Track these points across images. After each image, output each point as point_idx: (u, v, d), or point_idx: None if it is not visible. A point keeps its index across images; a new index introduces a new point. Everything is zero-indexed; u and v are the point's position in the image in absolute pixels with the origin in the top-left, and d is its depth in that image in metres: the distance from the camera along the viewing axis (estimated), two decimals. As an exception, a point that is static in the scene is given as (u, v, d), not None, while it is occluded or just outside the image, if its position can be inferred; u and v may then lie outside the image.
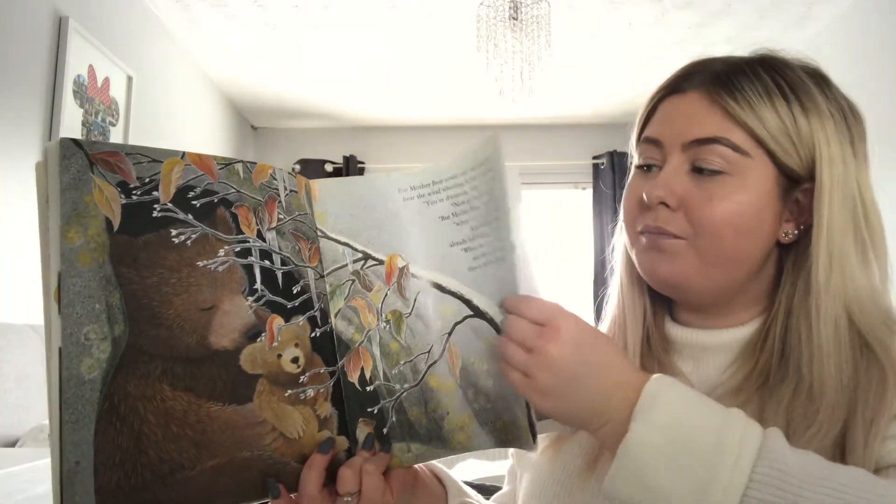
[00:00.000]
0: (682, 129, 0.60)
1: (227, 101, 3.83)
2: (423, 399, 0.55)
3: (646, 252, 0.61)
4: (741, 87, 0.59)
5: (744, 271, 0.60)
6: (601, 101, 3.90)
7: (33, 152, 2.03)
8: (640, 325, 0.66)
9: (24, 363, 1.65)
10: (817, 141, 0.59)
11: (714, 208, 0.58)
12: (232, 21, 2.93)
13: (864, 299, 0.56)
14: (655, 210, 0.60)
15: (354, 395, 0.55)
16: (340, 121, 4.22)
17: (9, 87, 1.92)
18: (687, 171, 0.60)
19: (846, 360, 0.54)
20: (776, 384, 0.56)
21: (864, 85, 2.65)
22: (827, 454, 0.49)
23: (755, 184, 0.58)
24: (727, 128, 0.58)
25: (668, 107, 0.63)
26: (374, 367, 0.55)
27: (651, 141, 0.63)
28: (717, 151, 0.58)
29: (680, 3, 2.79)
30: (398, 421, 0.55)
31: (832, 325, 0.55)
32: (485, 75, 2.67)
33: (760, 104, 0.58)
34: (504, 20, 2.54)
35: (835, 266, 0.56)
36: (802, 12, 2.85)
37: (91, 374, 0.45)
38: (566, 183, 4.33)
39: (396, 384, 0.55)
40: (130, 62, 2.57)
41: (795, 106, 0.59)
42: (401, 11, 2.85)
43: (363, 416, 0.55)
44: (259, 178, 0.53)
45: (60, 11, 2.14)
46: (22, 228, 1.96)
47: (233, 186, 0.51)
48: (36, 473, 1.01)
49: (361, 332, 0.55)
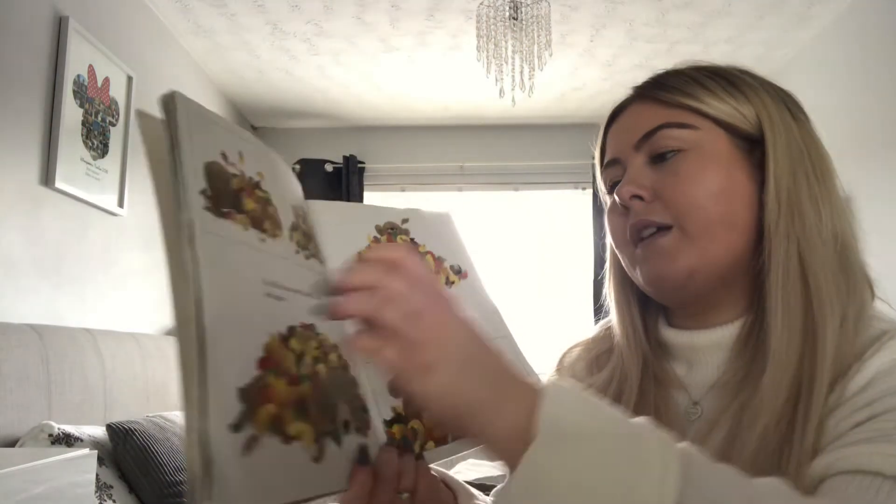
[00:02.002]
0: (629, 135, 0.64)
1: (227, 101, 3.83)
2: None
3: (645, 262, 0.61)
4: (669, 81, 0.64)
5: (739, 236, 0.60)
6: (601, 101, 3.89)
7: (33, 152, 2.03)
8: (634, 338, 0.67)
9: (24, 363, 1.65)
10: (755, 105, 0.62)
11: (685, 182, 0.60)
12: (232, 21, 2.93)
13: (813, 238, 0.57)
14: (631, 208, 0.62)
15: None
16: (340, 121, 4.22)
17: (9, 87, 1.92)
18: (647, 164, 0.62)
19: (795, 318, 0.55)
20: (762, 368, 0.56)
21: (863, 85, 2.66)
22: (773, 454, 0.49)
23: (712, 149, 0.60)
24: (667, 114, 0.62)
25: (614, 129, 0.68)
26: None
27: (610, 163, 0.67)
28: (665, 135, 0.61)
29: (680, 3, 2.79)
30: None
31: (782, 267, 0.56)
32: (485, 75, 2.67)
33: (690, 86, 0.62)
34: (504, 20, 2.54)
35: (783, 208, 0.58)
36: (802, 12, 2.85)
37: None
38: (566, 183, 4.32)
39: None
40: (130, 62, 2.57)
41: (725, 83, 0.63)
42: (401, 11, 2.85)
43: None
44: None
45: (60, 11, 2.14)
46: (22, 228, 1.96)
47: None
48: (36, 473, 1.01)
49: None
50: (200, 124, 0.46)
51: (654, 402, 0.63)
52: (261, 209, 0.48)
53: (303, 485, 0.43)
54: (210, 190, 0.44)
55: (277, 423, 0.42)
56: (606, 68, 3.45)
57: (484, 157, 4.26)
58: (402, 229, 0.66)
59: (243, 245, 0.45)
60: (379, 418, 0.53)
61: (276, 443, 0.41)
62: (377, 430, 0.52)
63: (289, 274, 0.49)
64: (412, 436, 0.56)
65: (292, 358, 0.45)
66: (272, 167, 0.53)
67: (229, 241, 0.44)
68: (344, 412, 0.48)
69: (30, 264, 1.99)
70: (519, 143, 4.23)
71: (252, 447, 0.39)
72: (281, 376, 0.43)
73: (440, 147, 4.26)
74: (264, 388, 0.41)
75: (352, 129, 4.31)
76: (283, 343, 0.45)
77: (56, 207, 2.12)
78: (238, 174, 0.48)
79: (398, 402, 0.56)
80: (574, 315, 4.15)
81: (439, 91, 3.74)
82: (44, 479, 1.00)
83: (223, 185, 0.45)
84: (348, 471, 0.47)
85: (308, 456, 0.43)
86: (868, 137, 2.57)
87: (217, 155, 0.46)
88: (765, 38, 3.07)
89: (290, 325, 0.46)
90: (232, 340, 0.41)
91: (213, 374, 0.38)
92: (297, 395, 0.44)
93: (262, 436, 0.40)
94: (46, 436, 1.59)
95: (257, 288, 0.45)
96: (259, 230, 0.47)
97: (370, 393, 0.54)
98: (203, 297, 0.39)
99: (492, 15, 2.53)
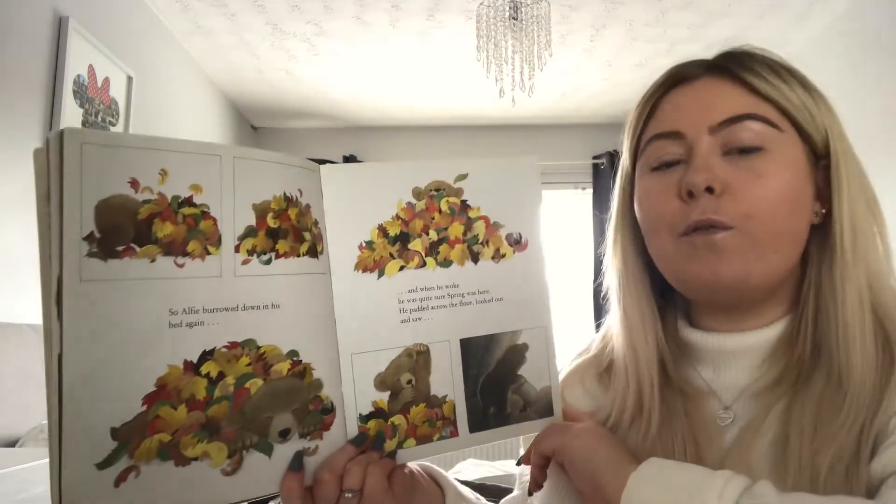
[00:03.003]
0: (705, 113, 0.57)
1: (227, 101, 3.83)
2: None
3: (697, 258, 0.55)
4: (753, 64, 0.57)
5: (796, 251, 0.57)
6: (601, 101, 3.89)
7: (33, 152, 2.03)
8: (653, 340, 0.62)
9: (24, 363, 1.65)
10: (824, 115, 0.58)
11: (765, 185, 0.54)
12: (232, 21, 2.93)
13: (880, 274, 0.55)
14: (699, 201, 0.55)
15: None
16: (340, 121, 4.22)
17: (9, 87, 1.92)
18: (719, 154, 0.56)
19: (870, 335, 0.53)
20: (809, 374, 0.54)
21: (863, 84, 2.66)
22: (849, 451, 0.48)
23: (792, 158, 0.56)
24: (755, 103, 0.56)
25: (678, 97, 0.60)
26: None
27: (667, 135, 0.59)
28: (751, 128, 0.55)
29: (680, 3, 2.79)
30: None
31: (856, 295, 0.54)
32: (485, 75, 2.67)
33: (776, 79, 0.57)
34: (504, 20, 2.54)
35: (858, 236, 0.55)
36: (802, 12, 2.85)
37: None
38: (566, 183, 4.32)
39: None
40: (130, 62, 2.57)
41: (798, 83, 0.58)
42: (401, 11, 2.85)
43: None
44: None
45: (60, 11, 2.14)
46: (22, 228, 1.96)
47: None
48: (36, 473, 1.01)
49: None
50: (99, 155, 0.44)
51: (683, 409, 0.59)
52: (184, 230, 0.48)
53: (204, 498, 0.47)
54: (99, 231, 0.44)
55: (170, 449, 0.46)
56: (606, 68, 3.45)
57: (484, 157, 4.26)
58: (452, 189, 0.60)
59: (144, 280, 0.46)
60: (354, 413, 0.55)
61: (165, 468, 0.46)
62: (341, 429, 0.54)
63: (217, 293, 0.48)
64: (390, 432, 0.56)
65: (201, 383, 0.47)
66: (225, 172, 0.50)
67: (122, 279, 0.45)
68: (283, 422, 0.51)
69: (30, 264, 1.99)
70: (519, 143, 4.23)
71: (126, 478, 0.45)
72: (178, 405, 0.46)
73: (440, 147, 4.26)
74: (153, 420, 0.46)
75: (352, 129, 4.31)
76: (189, 371, 0.47)
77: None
78: (153, 198, 0.46)
79: (382, 397, 0.56)
80: (574, 315, 4.15)
81: (439, 91, 3.74)
82: (44, 479, 0.99)
83: (123, 219, 0.45)
84: (280, 476, 0.51)
85: (217, 472, 0.48)
86: (868, 138, 2.56)
87: (122, 185, 0.45)
88: (765, 37, 3.07)
89: (207, 348, 0.48)
90: (107, 384, 0.44)
91: (75, 421, 0.43)
92: (201, 419, 0.47)
93: (143, 465, 0.45)
94: (46, 436, 1.59)
95: (158, 321, 0.46)
96: (178, 254, 0.47)
97: (351, 387, 0.55)
98: (64, 353, 0.43)
99: (492, 15, 2.53)
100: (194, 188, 0.48)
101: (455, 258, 0.59)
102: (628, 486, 0.49)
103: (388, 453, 0.56)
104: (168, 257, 0.47)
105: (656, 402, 0.60)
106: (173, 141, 0.48)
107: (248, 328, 0.49)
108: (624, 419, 0.62)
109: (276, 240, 0.51)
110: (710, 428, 0.58)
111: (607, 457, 0.53)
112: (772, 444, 0.53)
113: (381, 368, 0.56)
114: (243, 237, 0.50)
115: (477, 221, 0.60)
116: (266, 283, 0.51)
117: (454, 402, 0.58)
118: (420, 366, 0.57)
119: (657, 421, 0.59)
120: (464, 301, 0.59)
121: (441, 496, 0.65)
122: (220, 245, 0.49)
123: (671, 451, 0.57)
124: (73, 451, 0.43)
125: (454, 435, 0.58)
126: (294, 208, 0.53)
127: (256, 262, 0.50)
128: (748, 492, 0.45)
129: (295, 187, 0.53)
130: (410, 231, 0.58)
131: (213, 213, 0.49)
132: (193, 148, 0.49)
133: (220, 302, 0.48)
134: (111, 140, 0.45)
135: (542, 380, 0.61)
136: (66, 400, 0.43)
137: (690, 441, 0.57)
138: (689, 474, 0.48)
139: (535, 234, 0.62)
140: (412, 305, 0.57)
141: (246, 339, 0.49)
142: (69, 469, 0.43)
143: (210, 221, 0.49)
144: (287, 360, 0.51)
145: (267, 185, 0.52)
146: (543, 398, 0.61)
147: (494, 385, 0.60)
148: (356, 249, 0.56)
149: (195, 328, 0.47)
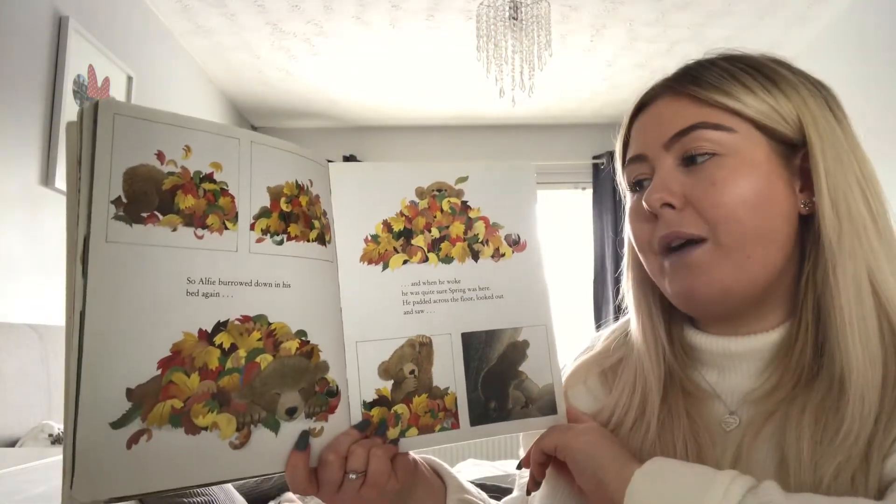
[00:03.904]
0: (659, 132, 0.59)
1: (227, 100, 3.83)
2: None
3: (675, 276, 0.57)
4: (703, 75, 0.58)
5: (778, 251, 0.56)
6: (601, 101, 3.89)
7: (33, 152, 2.03)
8: (659, 343, 0.63)
9: (24, 363, 1.65)
10: (796, 105, 0.57)
11: (721, 191, 0.55)
12: (232, 21, 2.93)
13: (881, 265, 0.53)
14: (661, 216, 0.57)
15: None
16: (340, 121, 4.22)
17: (9, 87, 1.92)
18: (678, 167, 0.58)
19: (873, 329, 0.51)
20: (812, 378, 0.54)
21: (863, 84, 2.66)
22: (855, 463, 0.48)
23: (750, 155, 0.56)
24: (701, 112, 0.57)
25: (642, 121, 0.62)
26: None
27: (635, 159, 0.62)
28: (700, 136, 0.56)
29: (680, 3, 2.79)
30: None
31: (852, 288, 0.52)
32: (485, 75, 2.67)
33: (727, 83, 0.57)
34: (504, 20, 2.54)
35: (844, 224, 0.53)
36: (802, 12, 2.85)
37: None
38: (566, 183, 4.33)
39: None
40: (130, 62, 2.57)
41: (762, 79, 0.58)
42: (401, 11, 2.85)
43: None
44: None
45: (60, 11, 2.14)
46: (22, 228, 1.96)
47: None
48: (36, 473, 1.01)
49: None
50: (130, 127, 0.47)
51: (685, 411, 0.59)
52: (204, 203, 0.50)
53: (212, 470, 0.47)
54: (126, 196, 0.46)
55: (182, 416, 0.47)
56: (606, 68, 3.45)
57: (484, 158, 4.26)
58: (453, 190, 0.62)
59: (165, 247, 0.48)
60: (358, 399, 0.56)
61: (176, 435, 0.46)
62: (345, 413, 0.55)
63: (233, 267, 0.50)
64: (393, 420, 0.57)
65: (214, 353, 0.48)
66: (243, 153, 0.53)
67: (145, 245, 0.47)
68: (290, 400, 0.51)
69: (30, 264, 1.99)
70: (519, 143, 4.23)
71: (139, 440, 0.45)
72: (192, 372, 0.47)
73: (440, 147, 4.26)
74: (167, 385, 0.46)
75: (351, 129, 4.32)
76: (203, 340, 0.48)
77: (56, 207, 2.12)
78: (177, 171, 0.49)
79: (385, 385, 0.57)
80: (574, 315, 4.15)
81: (439, 91, 3.74)
82: (44, 479, 0.99)
83: (149, 187, 0.47)
84: (286, 455, 0.51)
85: (225, 444, 0.48)
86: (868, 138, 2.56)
87: (149, 156, 0.48)
88: (765, 38, 3.07)
89: (221, 319, 0.49)
90: (125, 344, 0.45)
91: (93, 377, 0.43)
92: (213, 388, 0.48)
93: (154, 429, 0.45)
94: (46, 436, 1.59)
95: (177, 287, 0.47)
96: (198, 226, 0.49)
97: (356, 374, 0.56)
98: (87, 309, 0.44)
99: (492, 15, 2.53)
100: (214, 165, 0.51)
101: (456, 255, 0.61)
102: (632, 483, 0.49)
103: (391, 441, 0.56)
104: (189, 228, 0.49)
105: (657, 403, 0.61)
106: (197, 120, 0.51)
107: (261, 304, 0.51)
108: (627, 419, 0.62)
109: (288, 223, 0.54)
110: (714, 430, 0.58)
111: (610, 454, 0.54)
112: (774, 449, 0.53)
113: (384, 357, 0.57)
114: (258, 217, 0.52)
115: (477, 222, 0.62)
116: (278, 263, 0.53)
117: (455, 395, 0.59)
118: (423, 357, 0.59)
119: (659, 421, 0.60)
120: (465, 296, 0.61)
121: (443, 488, 0.65)
122: (236, 222, 0.51)
123: (672, 451, 0.58)
124: (90, 406, 0.44)
125: (455, 427, 0.59)
126: (305, 196, 0.55)
127: (269, 241, 0.53)
128: (753, 491, 0.45)
129: (306, 177, 0.56)
130: (414, 227, 0.60)
131: (232, 191, 0.52)
132: (215, 129, 0.52)
133: (235, 275, 0.50)
134: (142, 113, 0.48)
135: (544, 377, 0.62)
136: (86, 354, 0.44)
137: (692, 442, 0.57)
138: (694, 473, 0.49)
139: (533, 235, 0.65)
140: (415, 298, 0.59)
141: (258, 314, 0.51)
142: (84, 425, 0.43)
143: (228, 198, 0.51)
144: (296, 340, 0.52)
145: (281, 170, 0.54)
146: (545, 395, 0.62)
147: (496, 380, 0.60)
148: (362, 242, 0.59)
149: (211, 298, 0.49)
